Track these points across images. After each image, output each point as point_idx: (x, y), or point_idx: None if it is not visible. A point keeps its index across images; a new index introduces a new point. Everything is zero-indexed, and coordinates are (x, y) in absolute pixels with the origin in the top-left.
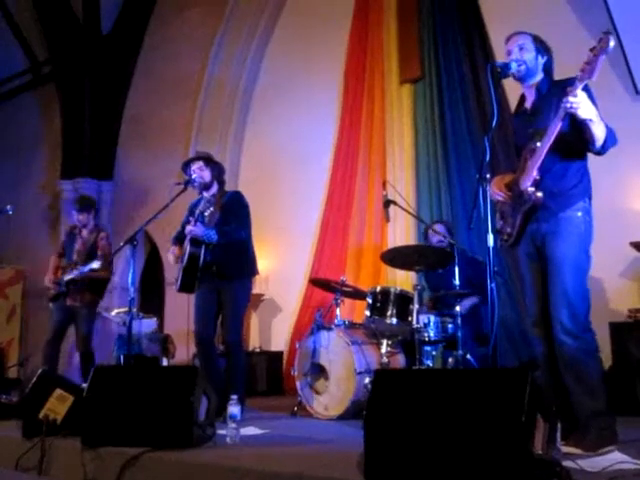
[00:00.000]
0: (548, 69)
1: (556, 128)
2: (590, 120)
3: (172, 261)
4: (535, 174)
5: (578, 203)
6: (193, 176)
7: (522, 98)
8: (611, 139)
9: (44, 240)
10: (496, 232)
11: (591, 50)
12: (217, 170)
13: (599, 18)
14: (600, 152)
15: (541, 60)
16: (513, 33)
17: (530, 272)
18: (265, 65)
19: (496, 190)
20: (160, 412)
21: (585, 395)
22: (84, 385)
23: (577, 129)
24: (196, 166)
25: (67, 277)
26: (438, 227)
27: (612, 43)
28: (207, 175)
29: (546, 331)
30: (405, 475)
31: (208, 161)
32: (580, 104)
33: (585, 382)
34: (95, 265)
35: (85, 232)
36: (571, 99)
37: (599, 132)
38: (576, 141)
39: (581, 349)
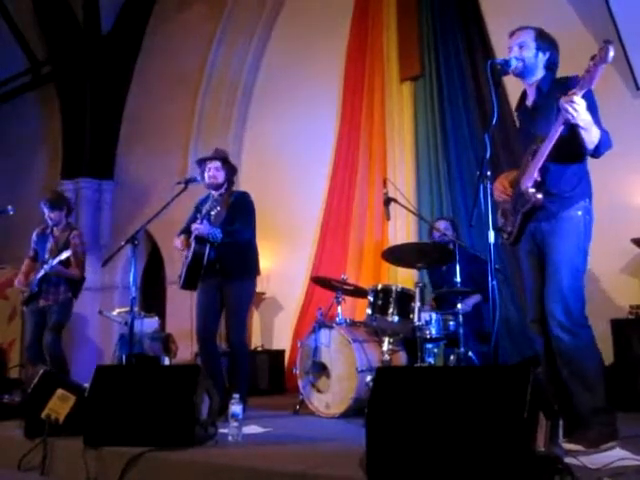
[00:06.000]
0: (551, 65)
1: (557, 132)
2: (579, 126)
3: (178, 246)
4: (536, 175)
5: (579, 203)
6: (208, 174)
7: (524, 93)
8: (604, 145)
9: None
10: (497, 230)
11: (592, 58)
12: (231, 172)
13: (599, 13)
14: (593, 155)
15: (542, 57)
16: (517, 28)
17: (530, 269)
18: (265, 63)
19: (499, 188)
20: (162, 411)
21: (583, 391)
22: (86, 385)
23: (574, 133)
24: (213, 165)
25: (38, 275)
26: (440, 224)
27: (612, 54)
28: (222, 176)
29: (545, 327)
30: (407, 472)
31: (225, 162)
32: (572, 110)
33: (582, 378)
34: (64, 255)
35: (57, 231)
36: (563, 102)
37: (589, 138)
38: (574, 144)
39: (576, 345)
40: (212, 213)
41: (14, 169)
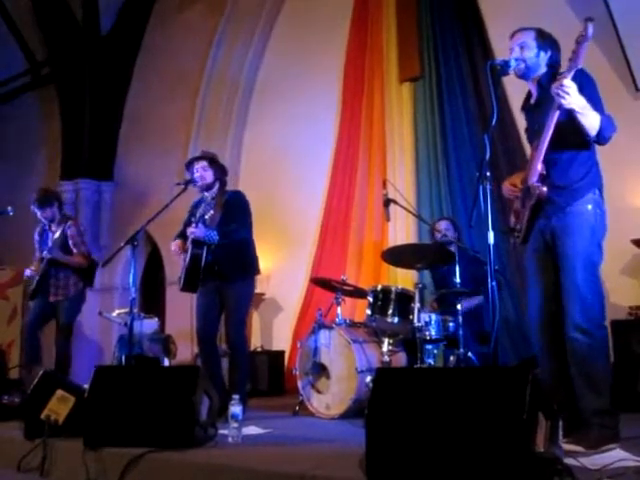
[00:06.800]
0: (553, 63)
1: (553, 120)
2: (575, 111)
3: (175, 251)
4: (540, 168)
5: (587, 195)
6: (195, 175)
7: (529, 94)
8: (607, 129)
9: None
10: (509, 230)
11: (576, 39)
12: (220, 171)
13: (599, 16)
14: (599, 142)
15: (544, 56)
16: (517, 29)
17: (535, 267)
18: (265, 63)
19: (508, 187)
20: (162, 412)
21: (591, 393)
22: (86, 386)
23: (573, 119)
24: (200, 165)
25: (43, 265)
26: (440, 224)
27: (591, 30)
28: (210, 175)
29: (549, 326)
30: (407, 473)
31: (212, 162)
32: (563, 93)
33: (592, 380)
34: (57, 234)
35: (54, 226)
36: (553, 87)
37: (588, 122)
38: (575, 132)
39: (591, 346)
40: (206, 217)
41: (14, 169)
